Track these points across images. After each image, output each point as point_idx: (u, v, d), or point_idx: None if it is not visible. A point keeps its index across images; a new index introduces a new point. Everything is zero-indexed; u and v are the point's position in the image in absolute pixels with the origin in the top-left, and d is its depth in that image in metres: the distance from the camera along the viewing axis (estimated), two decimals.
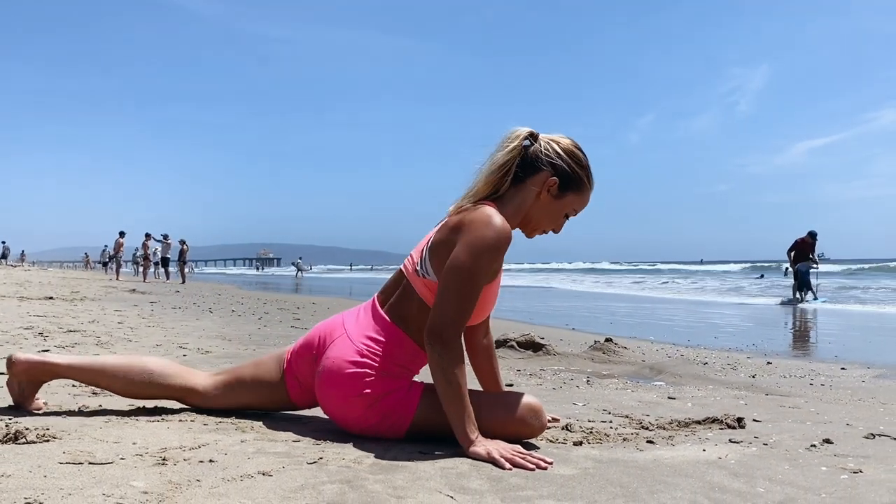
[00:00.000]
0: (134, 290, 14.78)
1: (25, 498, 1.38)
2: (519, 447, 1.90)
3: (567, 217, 2.16)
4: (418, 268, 2.07)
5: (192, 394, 2.29)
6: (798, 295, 15.42)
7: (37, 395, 2.26)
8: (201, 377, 2.33)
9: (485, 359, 2.39)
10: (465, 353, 2.10)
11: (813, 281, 15.55)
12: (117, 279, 23.06)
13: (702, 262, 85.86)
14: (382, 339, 2.06)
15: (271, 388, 2.26)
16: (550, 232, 2.17)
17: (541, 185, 2.08)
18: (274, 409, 2.34)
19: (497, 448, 1.87)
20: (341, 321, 2.17)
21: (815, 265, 15.57)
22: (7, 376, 2.23)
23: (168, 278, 24.60)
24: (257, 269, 47.85)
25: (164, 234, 25.45)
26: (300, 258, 49.14)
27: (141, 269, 25.52)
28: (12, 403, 2.25)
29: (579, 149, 2.13)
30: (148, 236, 25.31)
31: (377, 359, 2.03)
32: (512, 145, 2.08)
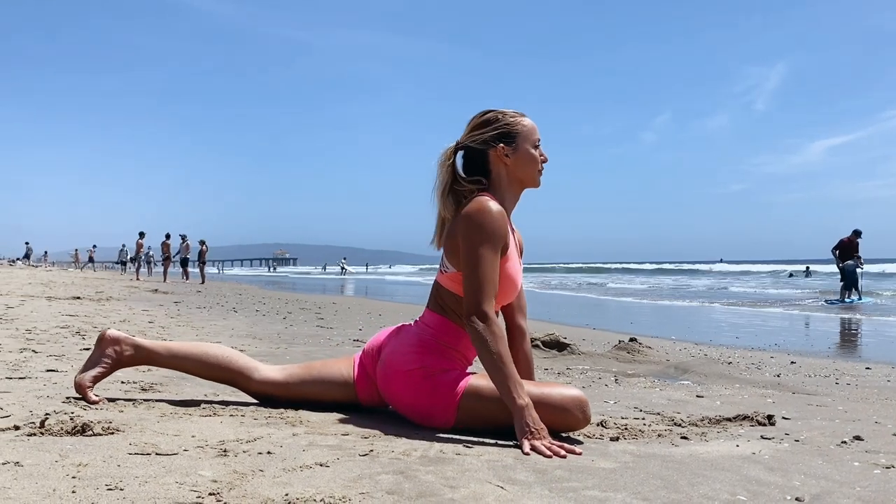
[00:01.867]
0: (156, 290, 14.98)
1: (106, 485, 1.47)
2: (565, 444, 1.99)
3: (537, 147, 2.36)
4: (441, 266, 2.34)
5: (264, 381, 2.47)
6: (848, 296, 15.32)
7: (95, 392, 2.39)
8: (274, 368, 2.53)
9: (518, 341, 2.49)
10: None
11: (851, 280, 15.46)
12: (137, 279, 23.33)
13: (721, 262, 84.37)
14: (431, 326, 2.32)
15: (341, 385, 2.44)
16: (543, 168, 2.38)
17: (499, 160, 2.33)
18: (338, 404, 2.47)
19: (540, 439, 1.98)
20: (403, 324, 2.44)
21: (861, 265, 15.50)
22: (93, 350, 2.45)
23: (187, 278, 24.83)
24: (272, 269, 46.98)
25: (182, 234, 25.70)
26: (344, 258, 52.21)
27: (162, 268, 25.73)
28: (67, 399, 2.36)
29: (483, 112, 2.37)
30: (168, 236, 25.55)
31: (429, 339, 2.29)
32: (447, 162, 2.35)
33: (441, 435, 2.13)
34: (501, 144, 2.31)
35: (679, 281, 33.61)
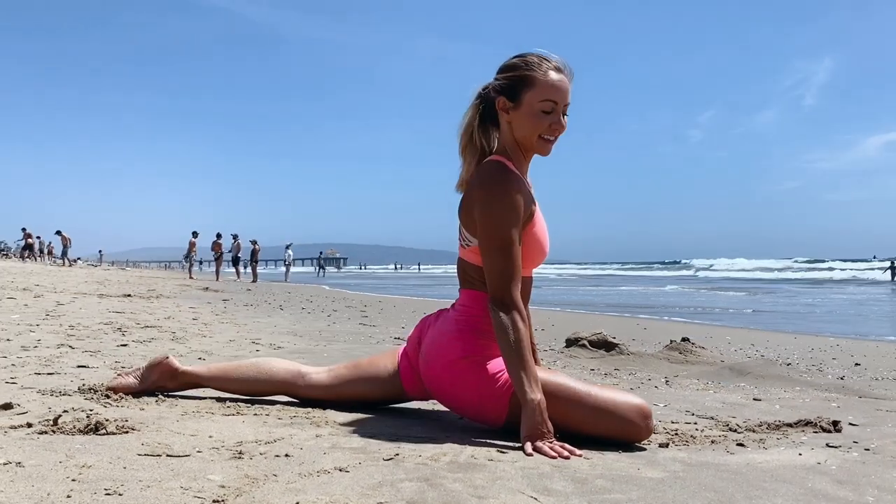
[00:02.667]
0: (207, 288, 15.18)
1: (105, 489, 1.37)
2: (567, 445, 1.86)
3: (550, 112, 2.04)
4: (460, 241, 2.16)
5: (310, 386, 2.36)
6: None
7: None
8: (319, 369, 2.41)
9: None
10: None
11: None
12: (191, 278, 23.73)
13: (874, 258, 62.28)
14: (467, 305, 2.14)
15: (387, 381, 2.31)
16: (554, 137, 2.07)
17: (503, 114, 2.10)
18: (387, 401, 2.39)
19: (542, 440, 1.85)
20: (442, 309, 2.29)
21: None
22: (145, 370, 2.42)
23: (239, 277, 25.17)
24: (320, 267, 45.35)
25: (233, 234, 26.07)
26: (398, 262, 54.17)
27: (214, 267, 26.14)
28: (89, 396, 2.29)
29: (516, 55, 2.10)
30: (219, 236, 25.94)
31: (468, 319, 2.11)
32: (471, 104, 2.15)
33: (475, 438, 1.99)
34: (503, 97, 2.08)
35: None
